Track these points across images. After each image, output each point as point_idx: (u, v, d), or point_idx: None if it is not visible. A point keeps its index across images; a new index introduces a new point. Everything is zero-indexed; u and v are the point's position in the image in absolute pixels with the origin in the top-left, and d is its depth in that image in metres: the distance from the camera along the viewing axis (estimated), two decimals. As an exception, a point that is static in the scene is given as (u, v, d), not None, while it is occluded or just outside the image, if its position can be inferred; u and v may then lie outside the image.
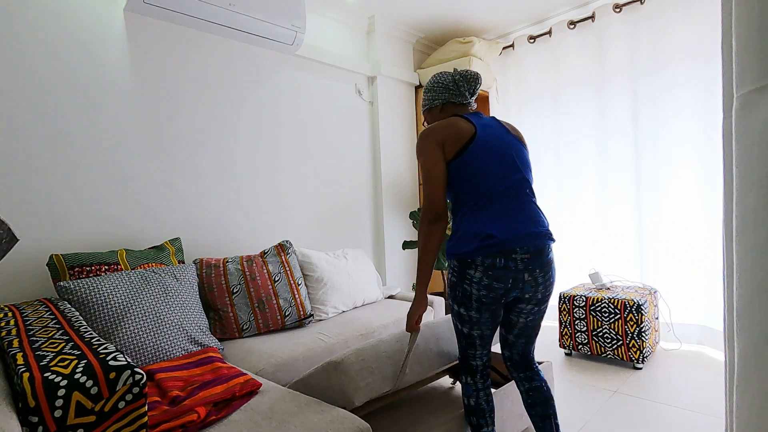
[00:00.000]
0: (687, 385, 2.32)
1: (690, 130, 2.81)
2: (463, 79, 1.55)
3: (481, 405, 1.49)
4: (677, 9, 2.80)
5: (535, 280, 1.37)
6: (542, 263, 1.37)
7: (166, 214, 2.27)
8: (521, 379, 1.54)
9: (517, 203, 1.40)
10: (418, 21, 3.37)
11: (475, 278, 1.36)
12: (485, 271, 1.34)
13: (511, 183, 1.40)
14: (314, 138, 2.98)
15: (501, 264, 1.33)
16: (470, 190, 1.40)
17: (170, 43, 2.29)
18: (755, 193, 0.50)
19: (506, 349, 1.55)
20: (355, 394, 1.34)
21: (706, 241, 2.78)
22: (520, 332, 1.49)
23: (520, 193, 1.42)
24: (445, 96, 1.56)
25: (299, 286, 2.29)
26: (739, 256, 0.53)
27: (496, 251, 1.33)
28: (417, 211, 3.06)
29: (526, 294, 1.39)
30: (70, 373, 0.91)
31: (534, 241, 1.36)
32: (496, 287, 1.35)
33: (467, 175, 1.40)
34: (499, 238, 1.33)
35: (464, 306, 1.41)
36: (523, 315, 1.45)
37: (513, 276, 1.34)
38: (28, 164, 1.86)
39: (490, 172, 1.39)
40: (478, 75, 1.57)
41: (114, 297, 1.66)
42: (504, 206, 1.38)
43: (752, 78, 0.50)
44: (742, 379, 0.52)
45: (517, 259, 1.34)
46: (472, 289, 1.37)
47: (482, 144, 1.41)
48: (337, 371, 1.36)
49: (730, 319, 0.58)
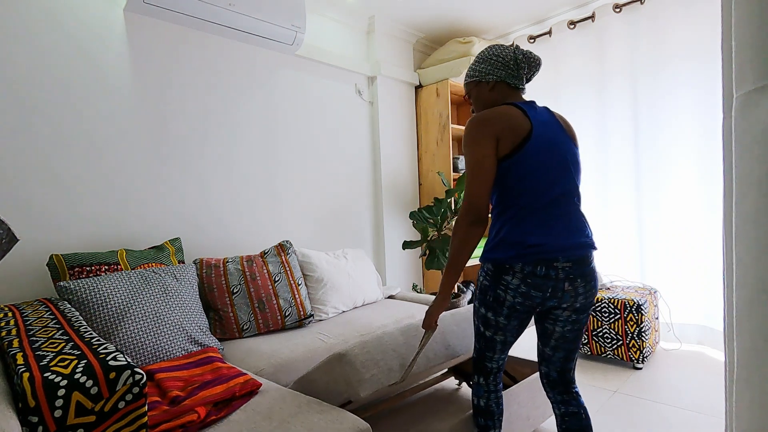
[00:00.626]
0: (687, 385, 2.32)
1: (690, 130, 2.81)
2: (525, 60, 1.37)
3: (491, 407, 1.45)
4: (677, 9, 2.80)
5: (576, 290, 1.29)
6: (584, 272, 1.30)
7: (166, 214, 2.27)
8: (557, 402, 1.44)
9: (564, 212, 1.31)
10: (418, 21, 3.37)
11: (512, 285, 1.29)
12: (524, 278, 1.27)
13: (560, 191, 1.30)
14: (314, 138, 2.98)
15: (542, 272, 1.26)
16: (517, 194, 1.29)
17: (170, 43, 2.29)
18: (755, 193, 0.50)
19: (543, 364, 1.46)
20: (360, 386, 1.31)
21: (706, 241, 2.78)
22: (557, 344, 1.39)
23: (569, 201, 1.32)
24: (501, 74, 1.37)
25: (299, 286, 2.29)
26: (739, 256, 0.53)
27: (538, 259, 1.26)
28: (417, 211, 3.06)
29: (564, 303, 1.32)
30: (70, 373, 0.91)
31: (577, 251, 1.29)
32: (534, 295, 1.28)
33: (516, 178, 1.28)
34: (542, 248, 1.26)
35: (493, 311, 1.34)
36: (559, 323, 1.35)
37: (553, 285, 1.27)
38: (28, 164, 1.86)
39: (541, 177, 1.28)
40: (540, 61, 1.41)
41: (114, 297, 1.66)
42: (550, 215, 1.29)
43: (752, 78, 0.50)
44: (742, 379, 0.52)
45: (559, 267, 1.26)
46: (507, 295, 1.30)
47: (537, 145, 1.28)
48: (342, 363, 1.34)
49: (730, 319, 0.58)
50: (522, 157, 1.27)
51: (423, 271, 3.67)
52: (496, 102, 1.40)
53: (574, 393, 1.44)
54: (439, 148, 3.50)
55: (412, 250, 3.54)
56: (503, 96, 1.39)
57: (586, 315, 1.35)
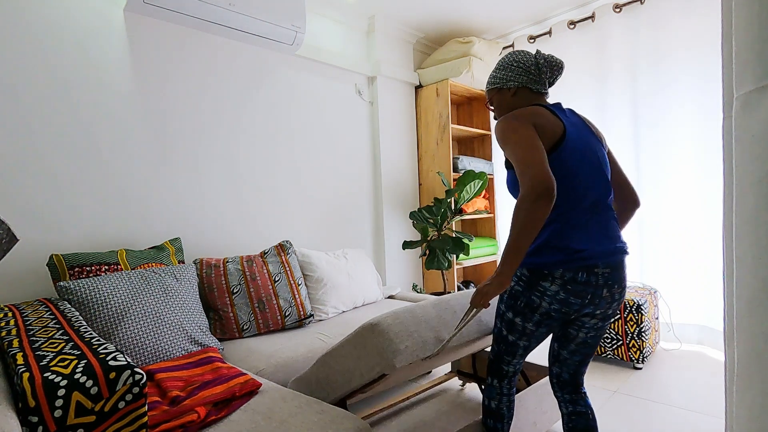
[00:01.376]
0: (687, 385, 2.32)
1: (690, 130, 2.81)
2: (547, 64, 1.35)
3: (502, 410, 1.44)
4: (677, 9, 2.80)
5: (612, 296, 1.29)
6: (620, 278, 1.29)
7: (166, 214, 2.27)
8: (566, 401, 1.45)
9: (602, 218, 1.30)
10: (418, 21, 3.37)
11: (550, 291, 1.25)
12: (564, 285, 1.24)
13: (597, 195, 1.28)
14: (314, 138, 2.98)
15: (582, 279, 1.23)
16: (558, 197, 1.25)
17: (170, 43, 2.29)
18: (755, 193, 0.50)
19: (557, 365, 1.45)
20: (395, 357, 1.25)
21: (706, 241, 2.78)
22: (577, 348, 1.38)
23: (605, 206, 1.31)
24: (523, 79, 1.36)
25: (299, 286, 2.29)
26: (739, 256, 0.53)
27: (580, 266, 1.23)
28: (417, 211, 3.06)
29: (598, 310, 1.30)
30: (70, 373, 0.91)
31: (615, 256, 1.28)
32: (572, 302, 1.25)
33: (557, 178, 1.23)
34: (584, 253, 1.23)
35: (522, 316, 1.31)
36: (584, 329, 1.34)
37: (592, 292, 1.25)
38: (28, 164, 1.86)
39: (580, 179, 1.25)
40: (563, 65, 1.38)
41: (114, 297, 1.66)
42: (589, 220, 1.27)
43: (752, 78, 0.50)
44: (742, 379, 0.52)
45: (599, 273, 1.24)
46: (542, 302, 1.27)
47: (573, 146, 1.25)
48: (374, 333, 1.28)
49: (730, 319, 0.58)
50: (561, 155, 1.24)
51: (423, 271, 3.67)
52: (519, 106, 1.37)
53: (583, 393, 1.44)
54: (439, 148, 3.50)
55: (412, 250, 3.54)
56: (527, 100, 1.37)
57: (609, 322, 1.36)
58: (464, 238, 2.96)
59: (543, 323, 1.30)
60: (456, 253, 2.91)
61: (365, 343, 1.32)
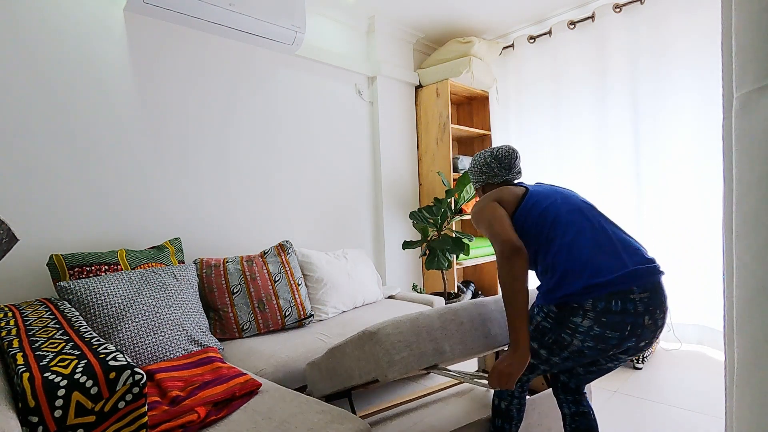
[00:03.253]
0: (687, 385, 2.32)
1: (690, 130, 2.81)
2: (494, 159, 1.52)
3: (512, 412, 1.42)
4: (677, 9, 2.80)
5: (656, 324, 1.16)
6: (661, 302, 1.18)
7: (166, 213, 2.27)
8: (568, 402, 1.43)
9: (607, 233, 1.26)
10: (418, 21, 3.37)
11: (582, 327, 1.15)
12: (597, 317, 1.13)
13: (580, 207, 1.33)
14: (314, 138, 2.98)
15: (618, 307, 1.12)
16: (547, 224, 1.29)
17: (170, 43, 2.29)
18: (755, 193, 0.50)
19: (566, 376, 1.42)
20: (389, 368, 1.25)
21: (706, 241, 2.78)
22: (599, 371, 1.34)
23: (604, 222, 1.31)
24: (482, 178, 1.55)
25: (299, 286, 2.28)
26: (739, 256, 0.53)
27: (612, 292, 1.12)
28: (417, 211, 3.06)
29: (642, 342, 1.18)
30: (70, 373, 0.91)
31: (651, 277, 1.17)
32: (609, 337, 1.13)
33: (538, 217, 1.31)
34: (615, 276, 1.13)
35: (548, 350, 1.24)
36: (615, 361, 1.28)
37: (632, 321, 1.13)
38: (28, 164, 1.86)
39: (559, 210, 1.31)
40: (511, 151, 1.52)
41: (114, 297, 1.66)
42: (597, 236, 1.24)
43: (752, 78, 0.50)
44: (742, 379, 0.52)
45: (636, 300, 1.13)
46: (574, 339, 1.17)
47: (538, 192, 1.38)
48: (372, 341, 1.28)
49: (730, 319, 0.58)
50: (527, 204, 1.35)
51: (423, 271, 3.67)
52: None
53: (584, 394, 1.44)
54: (439, 148, 3.50)
55: (412, 250, 3.54)
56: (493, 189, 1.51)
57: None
58: (464, 238, 2.96)
59: (571, 359, 1.23)
60: (456, 253, 2.91)
61: (364, 348, 1.33)
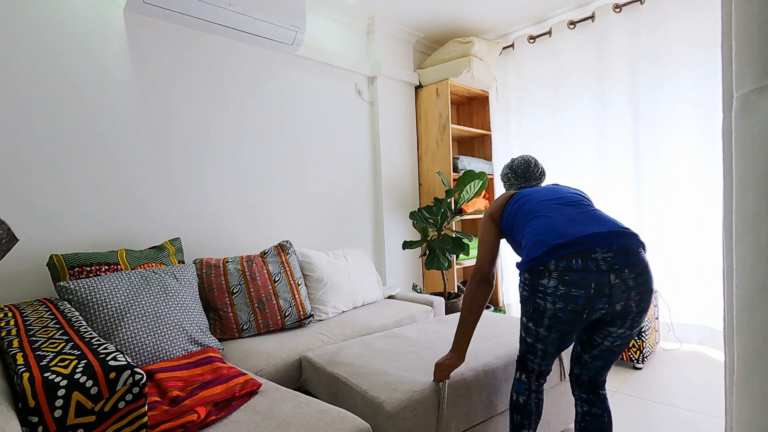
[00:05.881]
0: (687, 385, 2.32)
1: (690, 131, 2.81)
2: (510, 170, 1.72)
3: (530, 406, 1.38)
4: (677, 9, 2.80)
5: (625, 283, 1.16)
6: (631, 262, 1.17)
7: (166, 214, 2.27)
8: (582, 400, 1.41)
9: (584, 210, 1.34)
10: (418, 21, 3.37)
11: (549, 288, 1.20)
12: (561, 276, 1.18)
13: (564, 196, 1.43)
14: (314, 138, 2.98)
15: (579, 265, 1.16)
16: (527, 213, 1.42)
17: (170, 43, 2.29)
18: (755, 193, 0.50)
19: (577, 367, 1.41)
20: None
21: (706, 241, 2.78)
22: (600, 354, 1.33)
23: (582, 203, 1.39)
24: (506, 187, 1.77)
25: (299, 286, 2.28)
26: (739, 256, 0.53)
27: (572, 252, 1.17)
28: (417, 211, 3.06)
29: (617, 304, 1.18)
30: (70, 373, 0.91)
31: (617, 240, 1.19)
32: (575, 295, 1.17)
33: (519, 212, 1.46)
34: (574, 237, 1.20)
35: (534, 321, 1.30)
36: (610, 338, 1.28)
37: (596, 279, 1.15)
38: (28, 164, 1.86)
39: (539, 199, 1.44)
40: (524, 161, 1.69)
41: (114, 297, 1.66)
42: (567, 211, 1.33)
43: (752, 78, 0.50)
44: (742, 379, 0.52)
45: (599, 258, 1.16)
46: (546, 303, 1.22)
47: (523, 193, 1.52)
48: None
49: (730, 319, 0.58)
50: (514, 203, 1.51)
51: (423, 271, 3.67)
52: None
53: (601, 395, 1.39)
54: (439, 148, 3.50)
55: (412, 250, 3.54)
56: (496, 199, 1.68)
57: (639, 328, 1.28)
58: (464, 238, 2.96)
59: (554, 328, 1.25)
60: (456, 253, 2.91)
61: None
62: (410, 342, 1.82)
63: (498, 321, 2.09)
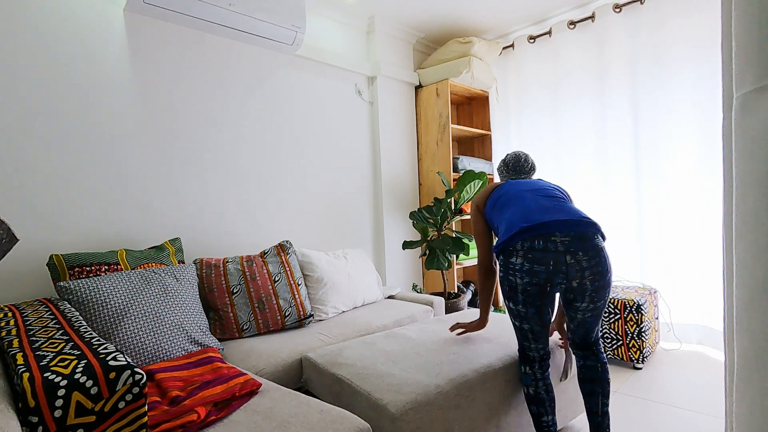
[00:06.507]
0: (687, 385, 2.32)
1: (690, 131, 2.81)
2: (503, 164, 1.93)
3: (540, 394, 1.53)
4: (677, 9, 2.80)
5: (579, 264, 1.38)
6: (585, 247, 1.39)
7: (166, 214, 2.27)
8: (579, 356, 1.63)
9: (553, 202, 1.54)
10: (418, 21, 3.37)
11: (517, 265, 1.43)
12: (525, 254, 1.41)
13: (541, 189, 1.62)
14: (314, 138, 2.98)
15: (540, 246, 1.39)
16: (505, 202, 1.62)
17: (170, 43, 2.29)
18: (755, 193, 0.50)
19: (569, 331, 1.64)
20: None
21: (706, 241, 2.78)
22: (579, 325, 1.56)
23: (555, 197, 1.58)
24: (501, 178, 1.97)
25: (299, 286, 2.28)
26: (739, 256, 0.53)
27: (535, 234, 1.41)
28: (417, 211, 3.06)
29: (573, 281, 1.40)
30: (70, 373, 0.91)
31: (575, 227, 1.41)
32: (537, 270, 1.39)
33: (499, 200, 1.65)
34: (537, 222, 1.43)
35: (512, 300, 1.49)
36: (580, 312, 1.50)
37: (553, 258, 1.38)
38: (28, 164, 1.86)
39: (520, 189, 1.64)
40: (515, 156, 1.87)
41: (114, 297, 1.66)
42: (538, 201, 1.54)
43: (752, 78, 0.50)
44: (742, 379, 0.52)
45: (557, 241, 1.39)
46: (516, 278, 1.44)
47: (506, 185, 1.71)
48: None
49: (730, 319, 0.58)
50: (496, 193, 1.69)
51: (423, 271, 3.67)
52: None
53: (594, 350, 1.59)
54: (439, 148, 3.50)
55: (412, 250, 3.54)
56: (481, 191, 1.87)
57: (603, 303, 1.48)
58: (464, 238, 2.96)
59: (528, 303, 1.45)
60: (456, 253, 2.91)
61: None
62: (412, 342, 1.82)
63: (498, 321, 2.10)
